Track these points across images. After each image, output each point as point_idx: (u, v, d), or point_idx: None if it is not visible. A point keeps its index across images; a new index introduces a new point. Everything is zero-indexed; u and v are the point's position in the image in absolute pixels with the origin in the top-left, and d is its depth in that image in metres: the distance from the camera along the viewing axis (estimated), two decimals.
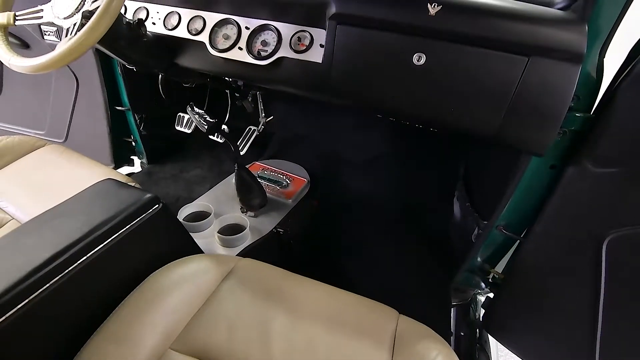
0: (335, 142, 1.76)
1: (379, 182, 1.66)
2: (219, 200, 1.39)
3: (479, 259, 1.15)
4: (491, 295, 1.18)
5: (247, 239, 1.21)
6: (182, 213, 1.30)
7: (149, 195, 0.76)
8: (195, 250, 0.97)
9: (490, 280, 1.16)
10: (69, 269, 0.64)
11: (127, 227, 0.71)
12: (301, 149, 1.77)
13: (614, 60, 0.77)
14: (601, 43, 0.72)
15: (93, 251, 0.67)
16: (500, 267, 1.14)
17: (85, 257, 0.66)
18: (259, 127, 1.55)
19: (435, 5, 0.71)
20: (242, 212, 1.33)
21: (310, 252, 1.39)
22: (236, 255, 1.15)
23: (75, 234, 0.65)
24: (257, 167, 1.57)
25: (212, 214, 1.28)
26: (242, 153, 1.49)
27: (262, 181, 1.43)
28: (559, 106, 0.70)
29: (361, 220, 1.53)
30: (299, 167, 1.58)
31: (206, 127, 1.14)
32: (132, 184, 0.93)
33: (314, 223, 1.45)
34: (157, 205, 0.76)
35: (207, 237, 1.22)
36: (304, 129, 1.80)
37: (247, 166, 1.36)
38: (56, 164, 1.18)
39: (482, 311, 1.18)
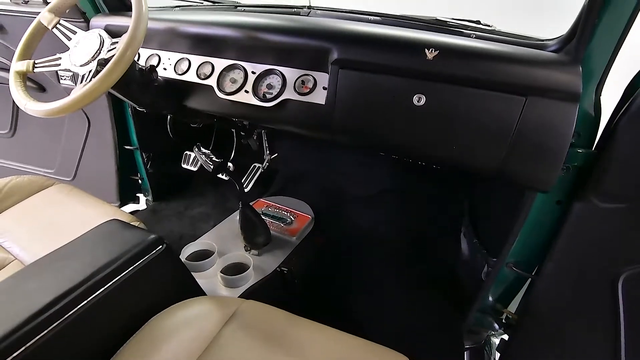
0: (339, 178, 1.77)
1: (384, 217, 1.65)
2: (223, 238, 1.38)
3: (490, 299, 1.10)
4: (506, 337, 1.12)
5: (250, 278, 1.19)
6: (186, 252, 1.29)
7: (152, 236, 0.75)
8: (198, 291, 0.95)
9: (503, 321, 1.11)
10: (69, 313, 0.62)
11: (129, 269, 0.70)
12: (305, 185, 1.78)
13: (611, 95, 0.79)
14: (596, 82, 0.75)
15: (94, 295, 0.66)
16: (513, 307, 1.09)
17: (85, 302, 0.64)
18: (264, 164, 1.57)
19: (432, 50, 0.75)
20: (246, 251, 1.31)
21: (315, 291, 1.35)
22: (239, 296, 1.12)
23: (77, 277, 0.64)
24: (261, 204, 1.57)
25: (216, 252, 1.26)
26: (246, 190, 1.50)
27: (266, 218, 1.43)
28: (560, 143, 0.72)
29: (367, 257, 1.50)
30: (303, 203, 1.58)
31: (212, 167, 1.16)
32: (137, 224, 0.93)
33: (318, 261, 1.42)
34: (160, 246, 0.76)
35: (210, 276, 1.20)
36: (308, 166, 1.82)
37: (251, 203, 1.36)
38: (63, 203, 1.19)
39: (498, 355, 1.12)
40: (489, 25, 0.90)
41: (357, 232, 1.61)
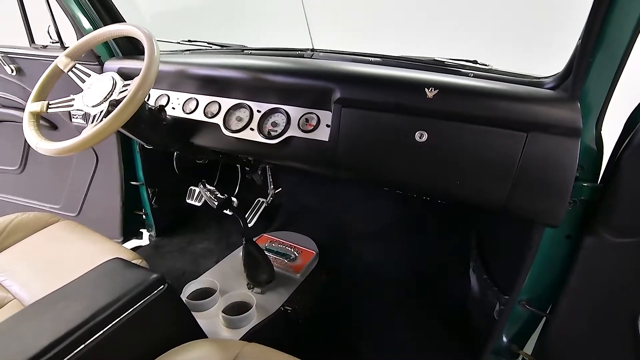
0: (343, 213, 1.76)
1: (389, 253, 1.61)
2: (225, 276, 1.35)
3: (504, 339, 1.05)
4: None
5: (252, 319, 1.15)
6: (187, 290, 1.26)
7: (154, 275, 0.74)
8: (199, 333, 0.91)
9: None
10: (66, 358, 0.60)
11: (130, 310, 0.69)
12: (309, 219, 1.77)
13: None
14: (595, 117, 0.76)
15: (92, 338, 0.63)
16: (529, 347, 1.03)
17: (83, 345, 0.62)
18: (268, 199, 1.57)
19: (432, 89, 0.77)
20: (249, 288, 1.28)
21: (319, 332, 1.29)
22: (241, 338, 1.08)
23: (76, 319, 0.63)
24: (265, 240, 1.55)
25: (218, 290, 1.23)
26: (250, 225, 1.49)
27: (270, 254, 1.41)
28: (565, 177, 0.72)
29: (372, 294, 1.45)
30: (307, 238, 1.56)
31: (216, 203, 1.17)
32: (139, 262, 0.92)
33: (323, 299, 1.37)
34: (162, 286, 0.74)
35: (211, 316, 1.16)
36: (312, 200, 1.82)
37: (255, 238, 1.35)
38: (67, 240, 1.18)
39: None
40: (486, 65, 0.93)
41: (362, 268, 1.57)
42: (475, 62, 0.94)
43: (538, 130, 0.71)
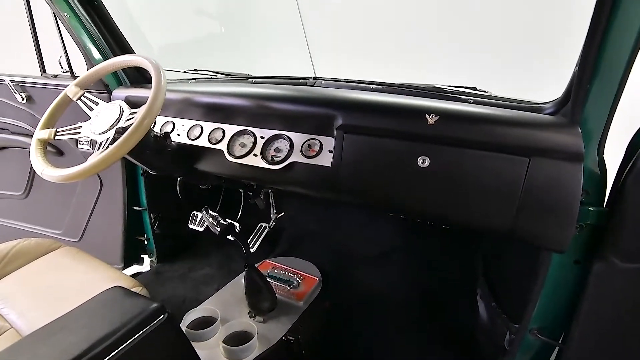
0: (346, 237, 1.74)
1: (394, 278, 1.58)
2: (227, 303, 1.32)
3: None
4: None
5: (254, 349, 1.11)
6: (187, 319, 1.23)
7: (154, 305, 0.73)
8: None
9: None
10: None
11: (129, 341, 0.66)
12: (312, 244, 1.75)
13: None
14: (597, 141, 0.76)
15: None
16: None
17: None
18: (270, 224, 1.56)
19: (433, 115, 0.78)
20: (250, 317, 1.24)
21: None
22: None
23: (74, 351, 0.61)
24: (267, 266, 1.53)
25: (218, 319, 1.20)
26: (252, 250, 1.47)
27: (272, 281, 1.38)
28: (570, 202, 0.71)
29: (377, 322, 1.41)
30: (310, 264, 1.54)
31: (219, 229, 1.16)
32: (139, 290, 0.90)
33: (326, 327, 1.33)
34: (162, 316, 0.73)
35: (212, 347, 1.12)
36: (315, 225, 1.80)
37: (257, 265, 1.33)
38: (67, 267, 1.17)
39: None
40: (484, 91, 0.95)
41: (367, 295, 1.53)
42: (474, 88, 0.95)
43: (540, 155, 0.72)
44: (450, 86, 0.97)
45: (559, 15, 1.13)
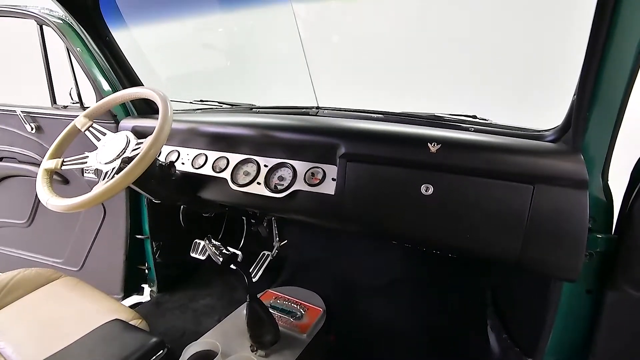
0: (351, 266, 1.70)
1: (400, 309, 1.53)
2: (228, 336, 1.27)
3: None
4: None
5: None
6: (187, 353, 1.18)
7: (153, 339, 0.71)
8: None
9: None
10: None
11: None
12: (315, 273, 1.71)
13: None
14: (600, 167, 0.76)
15: None
16: None
17: None
18: (273, 252, 1.54)
19: (434, 144, 0.79)
20: (252, 351, 1.20)
21: None
22: None
23: None
24: (270, 296, 1.49)
25: (219, 354, 1.15)
26: (254, 280, 1.44)
27: (275, 312, 1.34)
28: (578, 229, 0.70)
29: (384, 354, 1.35)
30: (314, 294, 1.50)
31: (221, 259, 1.14)
32: (138, 322, 0.88)
33: None
34: (161, 351, 0.70)
35: None
36: (318, 253, 1.78)
37: (259, 295, 1.29)
38: (66, 298, 1.15)
39: None
40: (485, 119, 0.96)
41: (372, 327, 1.48)
42: (474, 116, 0.97)
43: (544, 183, 0.72)
44: (450, 115, 0.99)
45: (557, 43, 1.16)
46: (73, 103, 1.51)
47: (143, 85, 1.42)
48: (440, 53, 1.44)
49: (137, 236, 1.59)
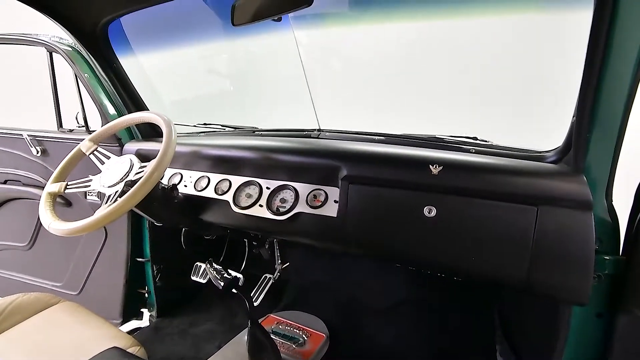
0: (353, 289, 1.67)
1: (406, 333, 1.49)
2: None
3: None
4: None
5: None
6: None
7: None
8: None
9: None
10: None
11: None
12: (318, 297, 1.68)
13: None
14: (604, 188, 0.76)
15: None
16: None
17: None
18: (275, 275, 1.51)
19: (436, 166, 0.79)
20: None
21: None
22: None
23: None
24: (272, 321, 1.46)
25: None
26: (256, 304, 1.41)
27: (277, 338, 1.31)
28: (584, 251, 0.69)
29: None
30: (317, 319, 1.46)
31: (222, 284, 1.13)
32: (136, 350, 0.86)
33: None
34: None
35: None
36: (321, 275, 1.75)
37: (260, 320, 1.27)
38: (64, 324, 1.13)
39: None
40: (485, 140, 0.97)
41: (377, 352, 1.43)
42: (475, 138, 0.98)
43: (548, 204, 0.71)
44: (451, 136, 0.99)
45: (555, 64, 1.18)
46: (79, 127, 1.54)
47: (148, 109, 1.44)
48: (439, 75, 1.47)
49: (138, 259, 1.57)
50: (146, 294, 1.65)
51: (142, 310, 1.71)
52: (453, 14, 1.24)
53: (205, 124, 1.39)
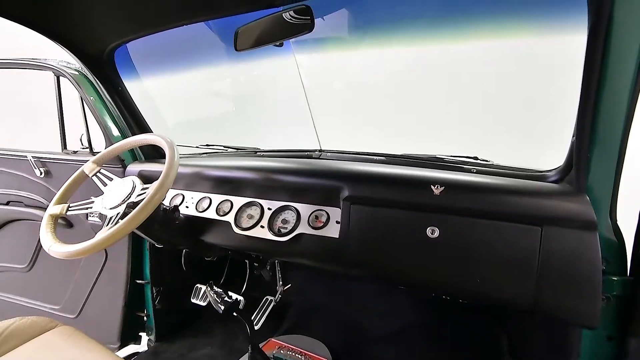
0: (357, 312, 1.63)
1: (410, 357, 1.44)
2: None
3: None
4: None
5: None
6: None
7: None
8: None
9: None
10: None
11: None
12: (321, 320, 1.64)
13: None
14: (607, 207, 0.75)
15: None
16: None
17: None
18: (276, 297, 1.49)
19: (438, 186, 0.79)
20: None
21: None
22: None
23: None
24: (273, 345, 1.42)
25: None
26: (257, 327, 1.38)
27: None
28: (591, 271, 0.68)
29: None
30: (319, 343, 1.42)
31: (222, 308, 1.10)
32: None
33: None
34: None
35: None
36: (323, 297, 1.71)
37: (261, 344, 1.23)
38: (61, 349, 1.10)
39: None
40: (486, 160, 0.97)
41: None
42: (476, 158, 0.98)
43: (552, 224, 0.71)
44: (451, 156, 1.00)
45: (554, 85, 1.20)
46: (83, 148, 1.56)
47: (152, 131, 1.46)
48: (438, 97, 1.49)
49: (138, 281, 1.55)
50: (145, 317, 1.62)
51: (140, 334, 1.67)
52: (451, 39, 1.27)
53: (207, 144, 1.40)
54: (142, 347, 1.67)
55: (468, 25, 1.23)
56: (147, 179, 0.99)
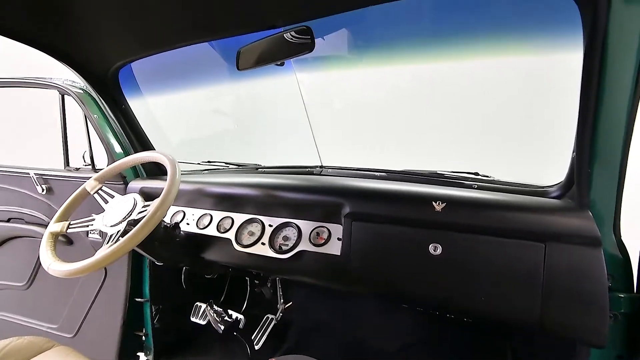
0: (360, 330, 1.60)
1: None
2: None
3: None
4: None
5: None
6: None
7: None
8: None
9: None
10: None
11: None
12: (322, 339, 1.60)
13: None
14: (611, 223, 0.74)
15: None
16: None
17: None
18: (277, 315, 1.46)
19: (439, 202, 0.79)
20: None
21: None
22: None
23: None
24: None
25: None
26: (257, 347, 1.35)
27: None
28: (597, 288, 0.67)
29: None
30: None
31: (222, 328, 1.09)
32: None
33: None
34: None
35: None
36: (325, 315, 1.68)
37: None
38: None
39: None
40: (487, 176, 0.97)
41: None
42: (476, 173, 0.98)
43: (556, 241, 0.70)
44: (452, 172, 1.00)
45: (553, 101, 1.21)
46: (85, 165, 1.56)
47: (154, 148, 1.47)
48: (438, 113, 1.51)
49: (137, 299, 1.53)
50: (143, 337, 1.59)
51: (138, 354, 1.64)
52: (450, 57, 1.29)
53: (209, 161, 1.41)
54: None
55: (466, 44, 1.25)
56: (148, 195, 0.99)
